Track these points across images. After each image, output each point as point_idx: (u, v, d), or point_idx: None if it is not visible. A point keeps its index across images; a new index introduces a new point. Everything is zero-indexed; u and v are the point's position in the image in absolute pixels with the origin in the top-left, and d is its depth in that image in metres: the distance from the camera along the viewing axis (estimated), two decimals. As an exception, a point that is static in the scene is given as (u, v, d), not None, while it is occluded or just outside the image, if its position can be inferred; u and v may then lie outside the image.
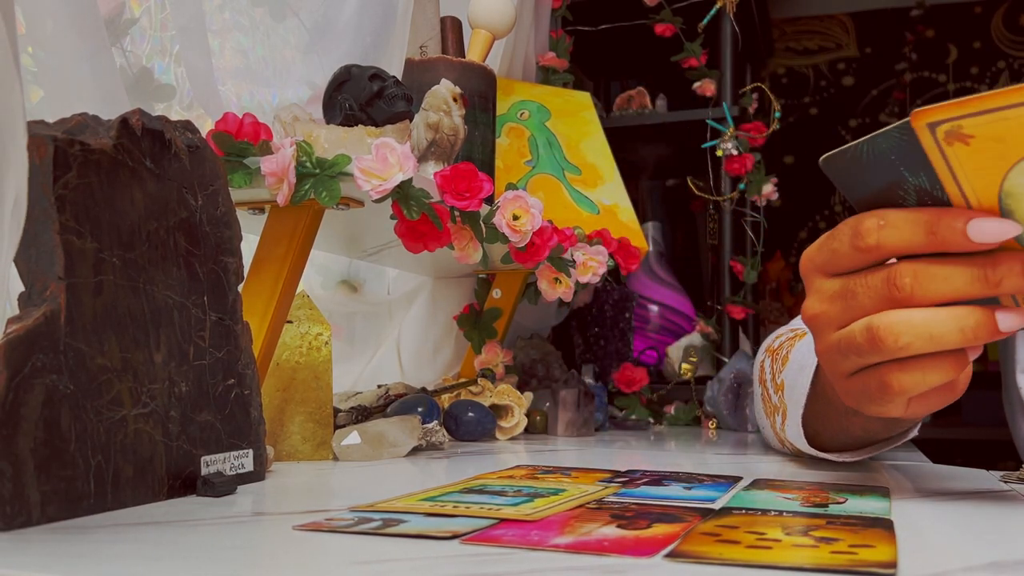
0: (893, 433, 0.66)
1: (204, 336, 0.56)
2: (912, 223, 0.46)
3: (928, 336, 0.46)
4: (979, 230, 0.44)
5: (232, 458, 0.58)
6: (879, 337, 0.46)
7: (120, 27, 0.87)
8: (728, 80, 1.46)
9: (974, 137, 0.41)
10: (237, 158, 0.69)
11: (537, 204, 0.87)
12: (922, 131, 0.42)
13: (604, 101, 1.73)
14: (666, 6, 1.48)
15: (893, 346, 0.46)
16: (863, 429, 0.64)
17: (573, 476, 0.64)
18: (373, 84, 0.75)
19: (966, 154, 0.42)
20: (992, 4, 2.62)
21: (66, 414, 0.45)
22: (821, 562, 0.38)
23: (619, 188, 1.28)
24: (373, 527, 0.44)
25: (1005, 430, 1.03)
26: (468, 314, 1.17)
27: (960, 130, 0.41)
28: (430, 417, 0.87)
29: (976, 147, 0.42)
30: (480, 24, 1.01)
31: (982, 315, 0.45)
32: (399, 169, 0.69)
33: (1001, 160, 0.42)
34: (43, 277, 0.46)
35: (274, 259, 0.72)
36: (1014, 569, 0.38)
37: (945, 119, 0.41)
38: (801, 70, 2.73)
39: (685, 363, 1.42)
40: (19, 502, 0.42)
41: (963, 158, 0.42)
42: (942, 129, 0.42)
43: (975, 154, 0.42)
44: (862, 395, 0.50)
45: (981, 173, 0.43)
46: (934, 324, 0.45)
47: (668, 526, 0.45)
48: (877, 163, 0.46)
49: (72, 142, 0.47)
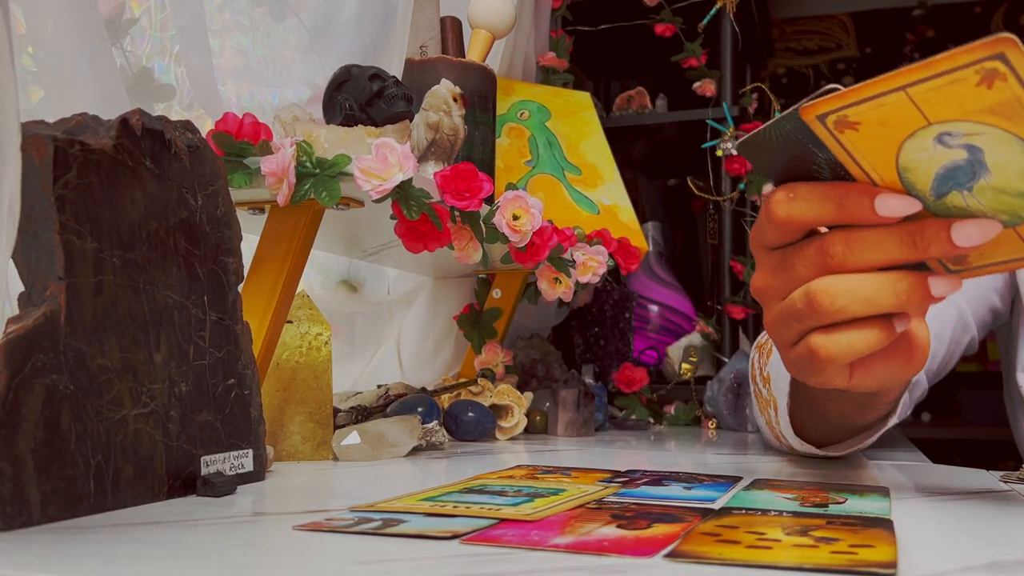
0: (869, 419, 0.67)
1: (204, 336, 0.56)
2: (821, 197, 0.47)
3: (863, 299, 0.47)
4: (885, 205, 0.46)
5: (232, 458, 0.58)
6: (816, 300, 0.47)
7: (120, 27, 0.87)
8: (728, 80, 1.46)
9: (860, 123, 0.44)
10: (237, 158, 0.69)
11: (537, 204, 0.87)
12: (814, 123, 0.45)
13: (604, 101, 1.73)
14: (666, 6, 1.48)
15: (830, 308, 0.47)
16: (839, 414, 0.66)
17: (573, 476, 0.64)
18: (373, 84, 0.75)
19: (858, 138, 0.45)
20: (992, 4, 2.62)
21: (66, 414, 0.45)
22: (821, 562, 0.38)
23: (619, 188, 1.28)
24: (373, 527, 0.44)
25: (1005, 430, 1.03)
26: (468, 314, 1.17)
27: (847, 119, 0.44)
28: (430, 417, 0.87)
29: (864, 132, 0.44)
30: (480, 24, 1.01)
31: (915, 279, 0.47)
32: (399, 169, 0.69)
33: (890, 140, 0.44)
34: (43, 277, 0.46)
35: (274, 259, 0.72)
36: (1014, 569, 0.39)
37: (830, 111, 0.44)
38: (801, 70, 2.73)
39: (685, 363, 1.42)
40: (19, 502, 0.42)
41: (856, 142, 0.45)
42: (831, 119, 0.44)
43: (866, 138, 0.45)
44: (798, 364, 0.51)
45: (876, 154, 0.45)
46: (869, 287, 0.47)
47: (668, 526, 0.45)
48: (785, 143, 0.48)
49: (72, 142, 0.47)
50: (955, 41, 2.65)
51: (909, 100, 0.42)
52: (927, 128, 0.43)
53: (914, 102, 0.42)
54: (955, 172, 0.44)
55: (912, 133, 0.43)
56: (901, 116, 0.43)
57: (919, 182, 0.45)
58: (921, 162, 0.45)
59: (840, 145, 0.45)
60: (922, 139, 0.44)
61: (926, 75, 0.41)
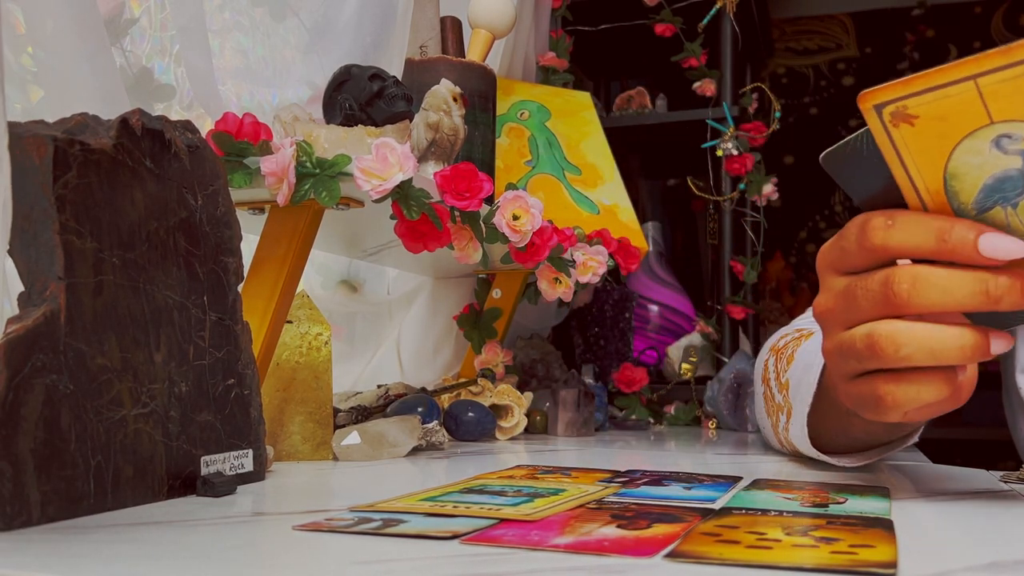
0: (894, 437, 0.66)
1: (204, 336, 0.56)
2: (923, 227, 0.45)
3: (928, 350, 0.45)
4: (992, 245, 0.43)
5: (232, 458, 0.58)
6: (879, 345, 0.46)
7: (120, 27, 0.87)
8: (728, 80, 1.46)
9: (918, 117, 0.42)
10: (237, 158, 0.69)
11: (537, 204, 0.87)
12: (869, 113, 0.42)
13: (604, 101, 1.73)
14: (666, 6, 1.48)
15: (893, 355, 0.46)
16: (864, 431, 0.64)
17: (573, 476, 0.64)
18: (373, 84, 0.75)
19: (912, 135, 0.42)
20: (992, 4, 2.62)
21: (66, 414, 0.45)
22: (821, 562, 0.38)
23: (619, 188, 1.28)
24: (373, 527, 0.44)
25: (1005, 430, 1.03)
26: (468, 314, 1.17)
27: (905, 110, 0.42)
28: (430, 417, 0.87)
29: (920, 127, 0.42)
30: (480, 24, 1.01)
31: (980, 336, 0.45)
32: (399, 169, 0.69)
33: (944, 140, 0.42)
34: (43, 277, 0.46)
35: (274, 259, 0.72)
36: (1014, 569, 0.38)
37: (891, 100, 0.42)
38: (801, 70, 2.73)
39: (685, 363, 1.42)
40: (19, 502, 0.42)
41: (908, 139, 0.43)
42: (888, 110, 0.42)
43: (920, 135, 0.42)
44: (859, 401, 0.50)
45: (926, 155, 0.43)
46: (936, 339, 0.45)
47: (668, 526, 0.45)
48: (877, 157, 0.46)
49: (72, 142, 0.47)
50: (955, 41, 2.66)
51: (976, 92, 0.40)
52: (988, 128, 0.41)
53: (981, 95, 0.40)
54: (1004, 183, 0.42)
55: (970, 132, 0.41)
56: (964, 111, 0.40)
57: (964, 192, 0.43)
58: (971, 168, 0.42)
59: (890, 141, 0.43)
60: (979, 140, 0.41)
61: (1003, 63, 0.38)
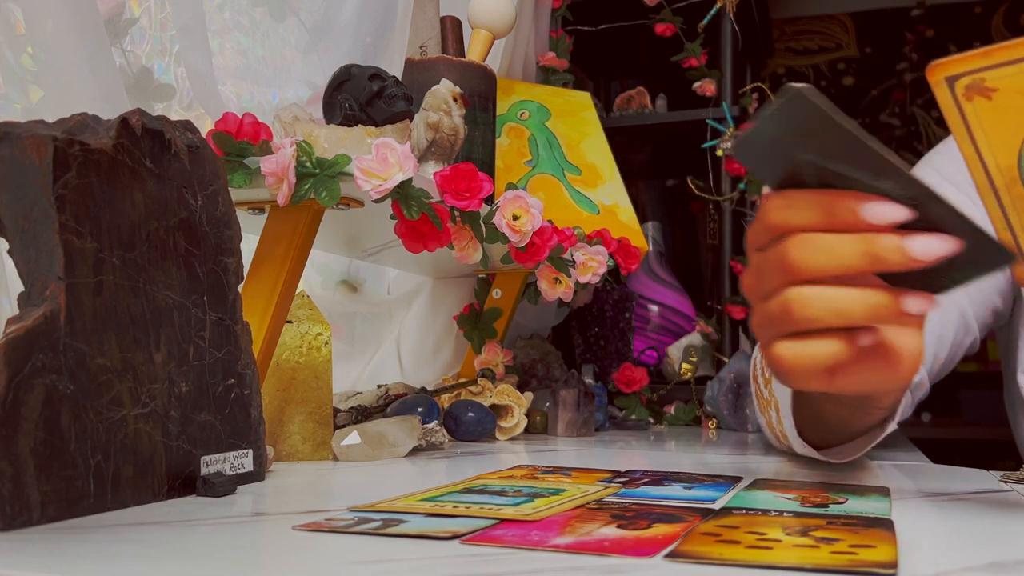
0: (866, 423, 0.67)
1: (204, 336, 0.56)
2: (810, 203, 0.47)
3: (835, 310, 0.46)
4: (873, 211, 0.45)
5: (232, 458, 0.58)
6: (790, 308, 0.47)
7: (120, 27, 0.87)
8: (728, 80, 1.46)
9: (997, 91, 0.40)
10: (237, 158, 0.69)
11: (537, 204, 0.87)
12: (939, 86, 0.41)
13: (604, 101, 1.73)
14: (666, 6, 1.48)
15: (800, 316, 0.47)
16: (836, 416, 0.66)
17: (573, 476, 0.64)
18: (373, 84, 0.75)
19: (987, 109, 0.41)
20: (992, 4, 2.62)
21: (66, 414, 0.45)
22: (821, 562, 0.38)
23: (619, 188, 1.28)
24: (373, 527, 0.44)
25: (1005, 430, 1.03)
26: (468, 314, 1.17)
27: (983, 83, 0.40)
28: (430, 417, 0.87)
29: (998, 101, 0.40)
30: (480, 24, 1.01)
31: (889, 296, 0.46)
32: (399, 169, 0.69)
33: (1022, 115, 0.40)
34: (43, 277, 0.46)
35: (274, 259, 0.72)
36: (1014, 569, 0.38)
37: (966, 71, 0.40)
38: (801, 70, 2.73)
39: (685, 363, 1.42)
40: (19, 502, 0.42)
41: (982, 114, 0.41)
42: (962, 83, 0.40)
43: (996, 110, 0.40)
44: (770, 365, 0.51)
45: (1000, 131, 0.41)
46: (842, 299, 0.46)
47: (668, 526, 0.45)
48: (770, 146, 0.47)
49: (72, 142, 0.47)
50: (955, 41, 2.66)
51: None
52: None
53: None
54: None
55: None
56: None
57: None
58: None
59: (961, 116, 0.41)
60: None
61: None
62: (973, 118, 0.41)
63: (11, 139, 0.46)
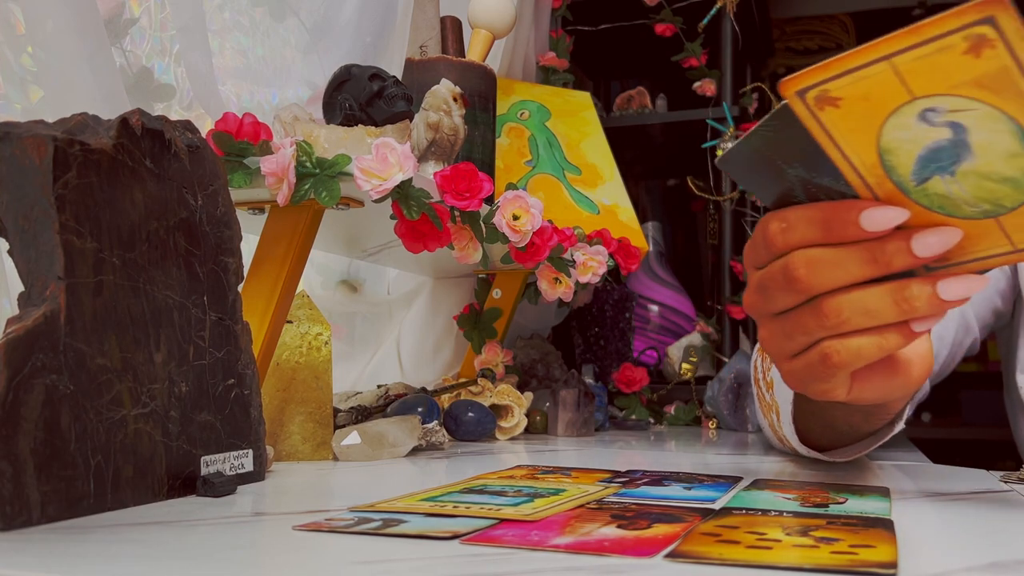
0: (875, 426, 0.67)
1: (204, 336, 0.56)
2: (810, 222, 0.47)
3: (864, 311, 0.47)
4: (870, 220, 0.45)
5: (232, 458, 0.58)
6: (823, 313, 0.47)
7: (120, 27, 0.87)
8: (728, 80, 1.46)
9: (842, 99, 0.42)
10: (237, 158, 0.69)
11: (537, 204, 0.87)
12: (794, 101, 0.43)
13: (604, 101, 1.73)
14: (666, 6, 1.48)
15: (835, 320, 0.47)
16: (845, 422, 0.66)
17: (573, 476, 0.64)
18: (373, 84, 0.75)
19: (838, 117, 0.43)
20: (992, 4, 2.62)
21: (66, 414, 0.45)
22: (821, 562, 0.38)
23: (619, 188, 1.28)
24: (373, 527, 0.44)
25: (1005, 430, 1.03)
26: (468, 314, 1.17)
27: (827, 94, 0.42)
28: (430, 417, 0.87)
29: (846, 109, 0.42)
30: (480, 24, 1.01)
31: (919, 286, 0.46)
32: (399, 169, 0.69)
33: (871, 118, 0.42)
34: (43, 277, 0.46)
35: (274, 259, 0.72)
36: (1014, 569, 0.38)
37: (811, 84, 0.42)
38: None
39: (685, 363, 1.42)
40: (19, 502, 0.42)
41: (836, 121, 0.43)
42: (811, 95, 0.42)
43: (846, 116, 0.43)
44: (806, 373, 0.51)
45: (856, 134, 0.43)
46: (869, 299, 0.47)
47: (668, 526, 0.45)
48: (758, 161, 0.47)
49: (72, 142, 0.47)
50: (955, 41, 2.66)
51: (893, 71, 0.40)
52: (911, 104, 0.41)
53: (898, 73, 0.40)
54: (938, 154, 0.43)
55: (895, 109, 0.42)
56: (884, 89, 0.41)
57: (900, 165, 0.44)
58: (903, 143, 0.43)
59: (819, 125, 0.44)
60: (905, 116, 0.42)
61: (912, 42, 0.39)
62: (830, 125, 0.43)
63: (11, 139, 0.46)
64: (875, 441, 0.69)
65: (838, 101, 0.42)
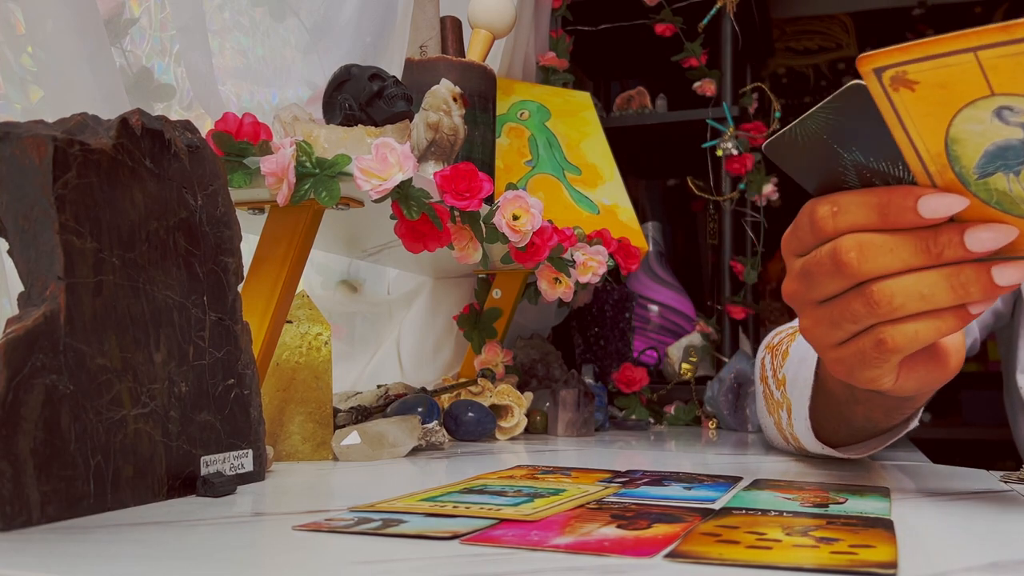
0: (894, 422, 0.66)
1: (204, 336, 0.56)
2: (864, 206, 0.47)
3: (918, 295, 0.46)
4: (928, 207, 0.45)
5: (232, 458, 0.58)
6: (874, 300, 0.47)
7: (120, 27, 0.87)
8: (728, 80, 1.46)
9: (919, 83, 0.42)
10: (237, 158, 0.69)
11: (537, 204, 0.87)
12: (869, 77, 0.43)
13: (604, 101, 1.73)
14: (666, 6, 1.48)
15: (888, 307, 0.47)
16: (865, 418, 0.65)
17: (573, 476, 0.64)
18: (373, 84, 0.75)
19: (911, 100, 0.43)
20: (992, 4, 2.62)
21: (66, 414, 0.45)
22: (821, 562, 0.38)
23: (619, 188, 1.28)
24: (373, 527, 0.44)
25: (1005, 430, 1.03)
26: (468, 314, 1.17)
27: (905, 75, 0.42)
28: (430, 417, 0.87)
29: (921, 93, 0.42)
30: (480, 24, 1.01)
31: (974, 271, 0.46)
32: (399, 169, 0.69)
33: (945, 107, 0.42)
34: (43, 277, 0.46)
35: (274, 259, 0.72)
36: (1014, 569, 0.38)
37: (890, 64, 0.42)
38: (801, 70, 2.73)
39: (685, 363, 1.42)
40: (19, 502, 0.42)
41: (909, 104, 0.43)
42: (888, 75, 0.42)
43: (920, 100, 0.42)
44: (856, 359, 0.50)
45: (927, 120, 0.43)
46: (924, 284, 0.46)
47: (668, 526, 0.45)
48: (811, 144, 0.47)
49: (72, 142, 0.47)
50: (955, 41, 2.66)
51: (977, 64, 0.40)
52: (988, 99, 0.41)
53: (982, 67, 0.40)
54: (1006, 152, 0.42)
55: (971, 102, 0.41)
56: (964, 81, 0.41)
57: (965, 156, 0.44)
58: (973, 135, 0.42)
59: (891, 105, 0.43)
60: (980, 110, 0.41)
61: (1002, 39, 0.39)
62: (901, 108, 0.43)
63: (11, 139, 0.46)
64: (891, 437, 0.68)
65: (914, 85, 0.42)
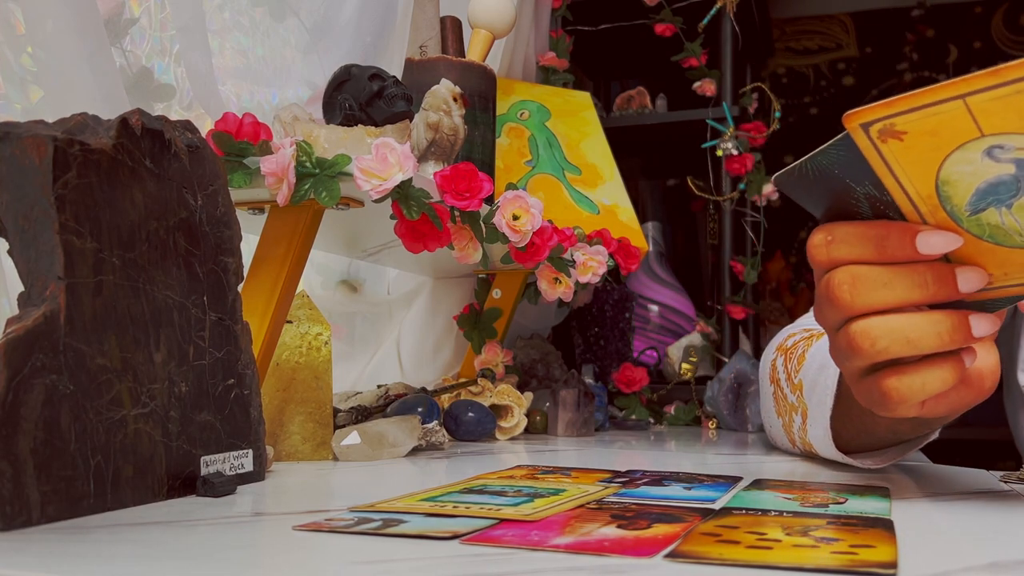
0: (919, 433, 0.66)
1: (204, 336, 0.56)
2: (861, 238, 0.47)
3: (904, 340, 0.46)
4: (927, 243, 0.45)
5: (232, 458, 0.58)
6: (855, 342, 0.47)
7: (120, 27, 0.87)
8: (728, 80, 1.46)
9: (907, 133, 0.42)
10: (237, 158, 0.69)
11: (537, 204, 0.87)
12: (856, 132, 0.44)
13: (604, 101, 1.73)
14: (666, 6, 1.48)
15: (870, 350, 0.47)
16: (890, 430, 0.64)
17: (573, 476, 0.64)
18: (373, 84, 0.75)
19: (900, 149, 0.43)
20: (992, 4, 2.62)
21: (66, 414, 0.45)
22: (821, 562, 0.38)
23: (619, 188, 1.28)
24: (373, 527, 0.44)
25: (1005, 430, 1.02)
26: (468, 314, 1.17)
27: (893, 127, 0.42)
28: (430, 417, 0.87)
29: (910, 143, 0.43)
30: (480, 24, 1.01)
31: (957, 319, 0.46)
32: (399, 169, 0.69)
33: (935, 152, 0.43)
34: (43, 277, 0.46)
35: (274, 259, 0.72)
36: (1014, 569, 0.38)
37: (877, 119, 0.43)
38: (801, 70, 2.73)
39: (685, 363, 1.42)
40: (19, 502, 0.42)
41: (898, 153, 0.44)
42: (875, 128, 0.43)
43: (909, 149, 0.43)
44: (869, 399, 0.50)
45: (917, 166, 0.44)
46: (910, 328, 0.46)
47: (668, 526, 0.45)
48: (823, 178, 0.48)
49: (72, 142, 0.47)
50: (955, 41, 2.66)
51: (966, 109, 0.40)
52: (978, 140, 0.41)
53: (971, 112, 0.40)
54: (998, 187, 0.43)
55: (961, 145, 0.42)
56: (953, 126, 0.41)
57: (956, 196, 0.44)
58: (964, 175, 0.43)
59: (880, 156, 0.44)
60: (970, 151, 0.42)
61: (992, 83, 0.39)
62: (890, 157, 0.44)
63: (11, 139, 0.46)
64: (915, 445, 0.67)
65: (902, 135, 0.43)
